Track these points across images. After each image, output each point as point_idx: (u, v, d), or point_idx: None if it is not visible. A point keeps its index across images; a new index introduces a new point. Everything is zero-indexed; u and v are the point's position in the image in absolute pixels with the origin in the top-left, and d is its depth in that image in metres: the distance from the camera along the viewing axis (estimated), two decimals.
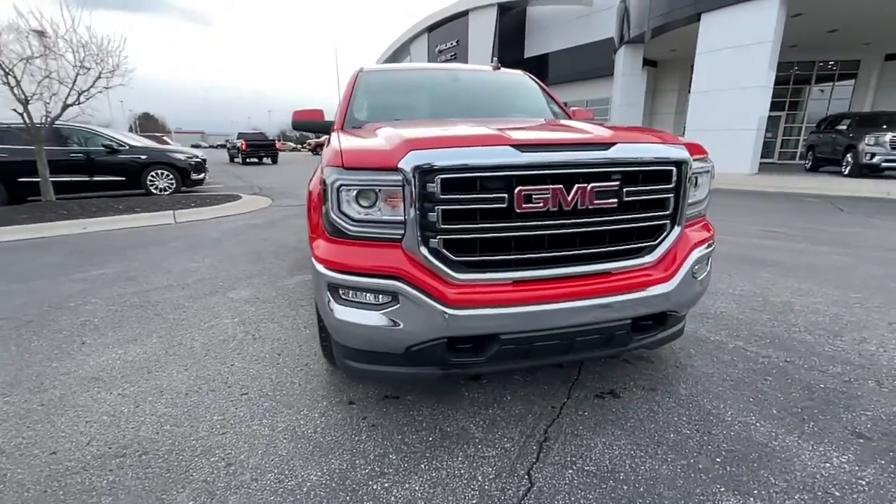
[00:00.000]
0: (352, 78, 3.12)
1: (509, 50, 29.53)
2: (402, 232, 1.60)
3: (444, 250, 1.59)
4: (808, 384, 2.12)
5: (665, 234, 1.80)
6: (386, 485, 1.55)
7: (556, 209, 1.60)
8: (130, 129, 51.67)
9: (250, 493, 1.52)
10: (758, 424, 1.84)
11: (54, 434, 1.86)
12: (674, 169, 1.74)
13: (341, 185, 1.61)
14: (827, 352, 2.44)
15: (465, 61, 32.82)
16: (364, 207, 1.63)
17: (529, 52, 30.09)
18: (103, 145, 9.48)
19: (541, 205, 1.58)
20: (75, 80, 7.39)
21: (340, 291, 1.67)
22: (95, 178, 9.58)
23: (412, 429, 1.86)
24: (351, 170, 1.60)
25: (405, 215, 1.57)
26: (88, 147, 9.54)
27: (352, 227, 1.64)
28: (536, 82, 3.42)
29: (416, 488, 1.53)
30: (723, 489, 1.50)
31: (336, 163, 1.63)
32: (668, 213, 1.78)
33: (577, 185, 1.59)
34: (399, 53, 45.54)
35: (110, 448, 1.77)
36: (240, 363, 2.45)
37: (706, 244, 1.98)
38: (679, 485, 1.52)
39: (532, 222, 1.60)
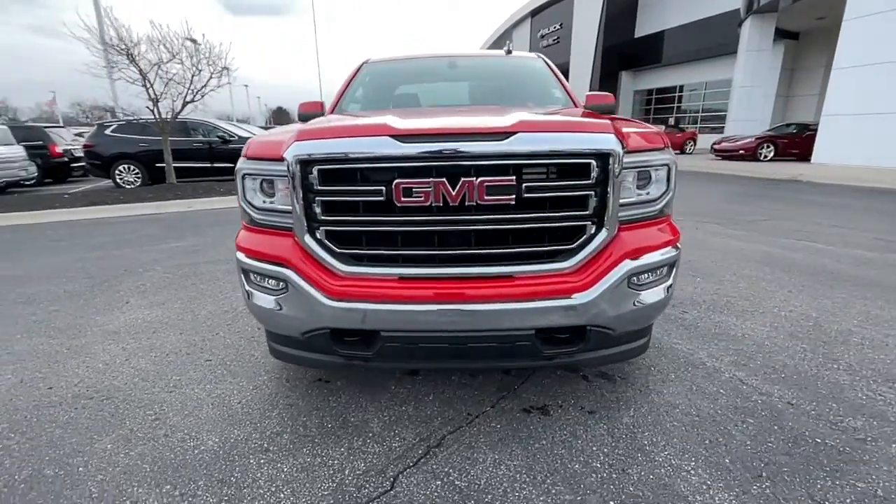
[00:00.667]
0: (354, 70, 3.20)
1: (617, 30, 27.33)
2: (292, 221, 1.63)
3: (327, 241, 1.59)
4: (798, 435, 1.69)
5: (585, 237, 1.57)
6: (262, 461, 1.63)
7: (440, 204, 1.49)
8: (266, 122, 59.08)
9: (156, 446, 1.72)
10: (691, 472, 1.52)
11: (59, 373, 2.29)
12: (593, 162, 1.49)
13: (245, 174, 1.70)
14: (858, 399, 1.90)
15: (569, 45, 31.16)
16: (266, 196, 1.69)
17: (641, 31, 27.48)
18: (217, 136, 11.04)
19: (422, 199, 1.48)
20: (192, 81, 8.71)
21: (250, 275, 1.77)
22: (215, 165, 11.24)
23: (320, 413, 1.91)
24: (251, 159, 1.68)
25: (292, 205, 1.60)
26: (210, 138, 11.19)
27: (256, 215, 1.72)
28: (549, 67, 3.13)
29: (285, 470, 1.58)
30: None
31: (243, 153, 1.72)
32: (588, 213, 1.54)
33: (462, 179, 1.46)
34: (501, 41, 44.91)
35: (88, 390, 2.13)
36: (223, 333, 2.73)
37: (659, 250, 1.67)
38: None
39: (415, 217, 1.52)
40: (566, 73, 31.86)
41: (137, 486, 1.52)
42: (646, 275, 1.66)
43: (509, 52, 3.30)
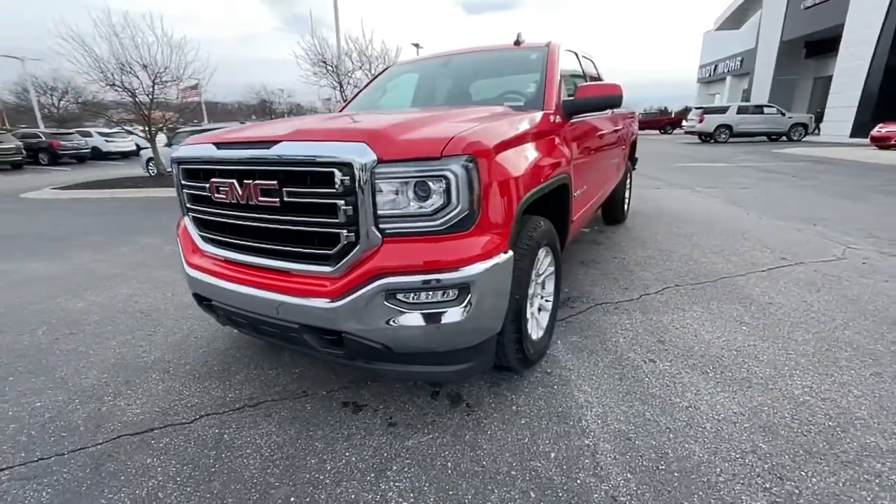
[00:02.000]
0: (377, 73, 3.52)
1: None
2: None
3: (193, 223, 2.05)
4: None
5: (342, 245, 1.57)
6: (155, 378, 2.25)
7: (234, 202, 1.75)
8: None
9: (129, 350, 2.55)
10: None
11: (149, 294, 3.47)
12: (336, 171, 1.50)
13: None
14: None
15: (845, 4, 23.12)
16: None
17: None
18: None
19: (224, 196, 1.78)
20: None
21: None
22: None
23: (221, 359, 2.43)
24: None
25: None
26: None
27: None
28: (546, 59, 2.74)
29: (159, 388, 2.16)
30: None
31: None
32: (339, 221, 1.55)
33: (244, 182, 1.69)
34: (747, 6, 36.50)
35: (145, 307, 3.20)
36: None
37: (441, 269, 1.52)
38: (216, 490, 1.53)
39: (224, 210, 1.83)
40: (837, 39, 23.84)
41: (96, 370, 2.35)
42: (421, 294, 1.55)
43: (518, 43, 3.04)
